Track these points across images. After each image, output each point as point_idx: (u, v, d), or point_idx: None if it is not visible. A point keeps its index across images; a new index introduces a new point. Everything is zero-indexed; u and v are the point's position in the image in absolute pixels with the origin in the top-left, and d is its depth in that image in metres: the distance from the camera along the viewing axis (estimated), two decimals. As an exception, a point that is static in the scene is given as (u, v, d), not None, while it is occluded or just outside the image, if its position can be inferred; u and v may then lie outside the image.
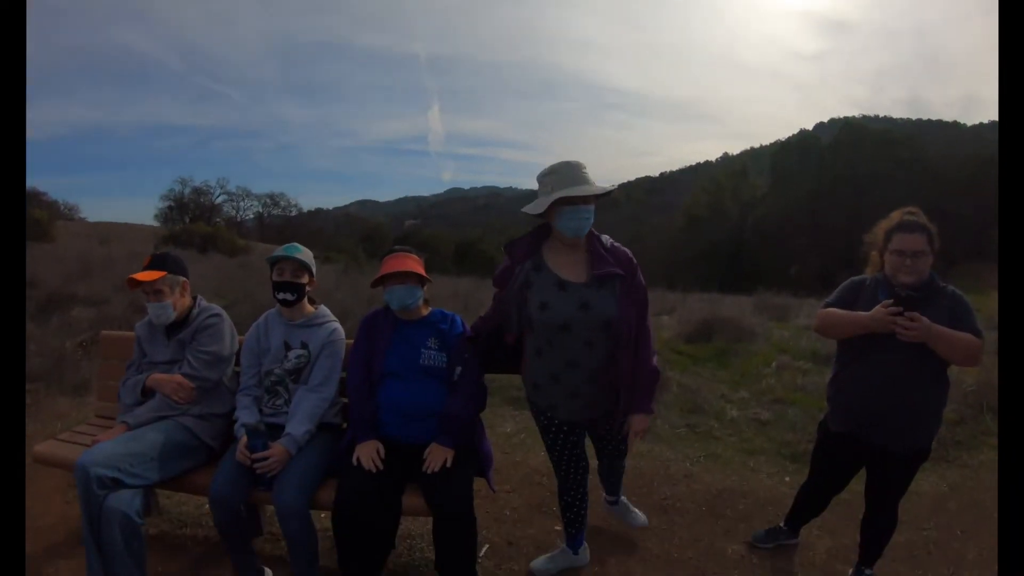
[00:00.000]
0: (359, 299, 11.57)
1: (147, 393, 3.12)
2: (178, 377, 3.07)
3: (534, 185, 2.68)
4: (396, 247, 3.11)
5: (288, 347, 3.14)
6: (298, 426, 2.91)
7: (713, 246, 40.74)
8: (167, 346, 3.21)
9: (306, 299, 3.20)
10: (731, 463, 4.61)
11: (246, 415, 3.03)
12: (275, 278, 3.09)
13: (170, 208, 60.13)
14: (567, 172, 2.58)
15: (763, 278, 27.65)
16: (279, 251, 3.13)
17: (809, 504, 3.32)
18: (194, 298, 3.32)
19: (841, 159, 41.92)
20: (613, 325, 2.59)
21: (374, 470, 2.73)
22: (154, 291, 3.13)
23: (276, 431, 2.95)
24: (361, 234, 54.22)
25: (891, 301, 2.53)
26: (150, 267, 3.15)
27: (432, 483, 2.72)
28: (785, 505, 3.53)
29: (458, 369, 2.96)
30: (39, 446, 3.23)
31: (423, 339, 3.01)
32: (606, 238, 2.73)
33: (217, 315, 3.28)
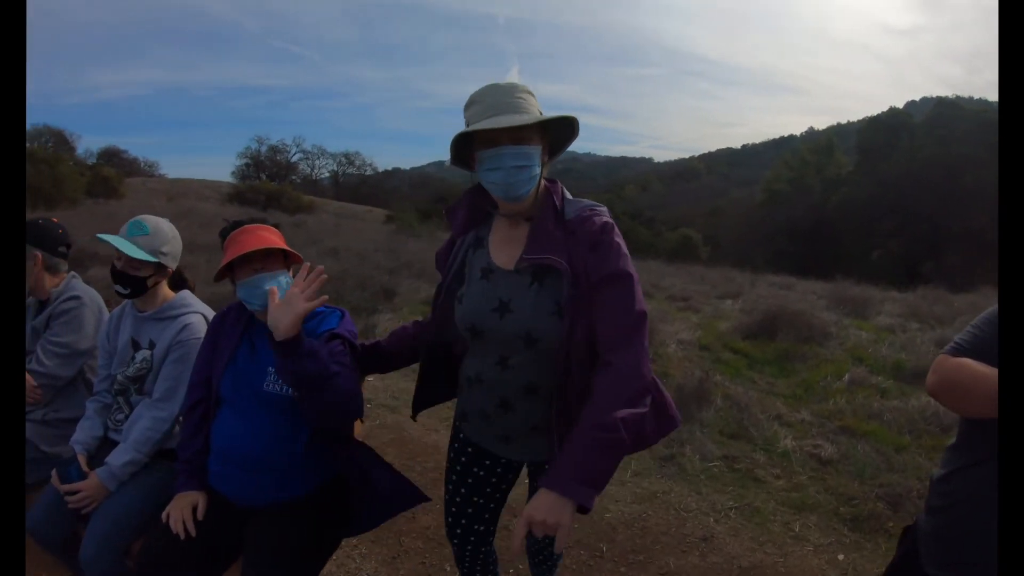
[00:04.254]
0: (383, 268, 10.86)
1: None
2: None
3: (613, 151, 1.80)
4: (242, 220, 2.17)
5: (136, 346, 2.42)
6: (120, 455, 2.23)
7: (792, 223, 38.70)
8: (27, 334, 2.68)
9: (161, 285, 2.46)
10: (770, 523, 3.47)
11: (84, 429, 2.41)
12: (114, 264, 2.37)
13: (247, 165, 61.78)
14: (490, 100, 1.59)
15: (843, 261, 25.97)
16: (121, 232, 2.38)
17: None
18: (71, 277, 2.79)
19: (933, 139, 39.21)
20: (539, 343, 1.64)
21: (181, 535, 1.94)
22: None
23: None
24: (435, 194, 53.98)
25: None
26: None
27: (256, 565, 1.91)
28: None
29: None
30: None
31: None
32: (580, 205, 1.70)
33: (76, 298, 2.67)
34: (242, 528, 2.01)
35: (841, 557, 3.17)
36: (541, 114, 1.61)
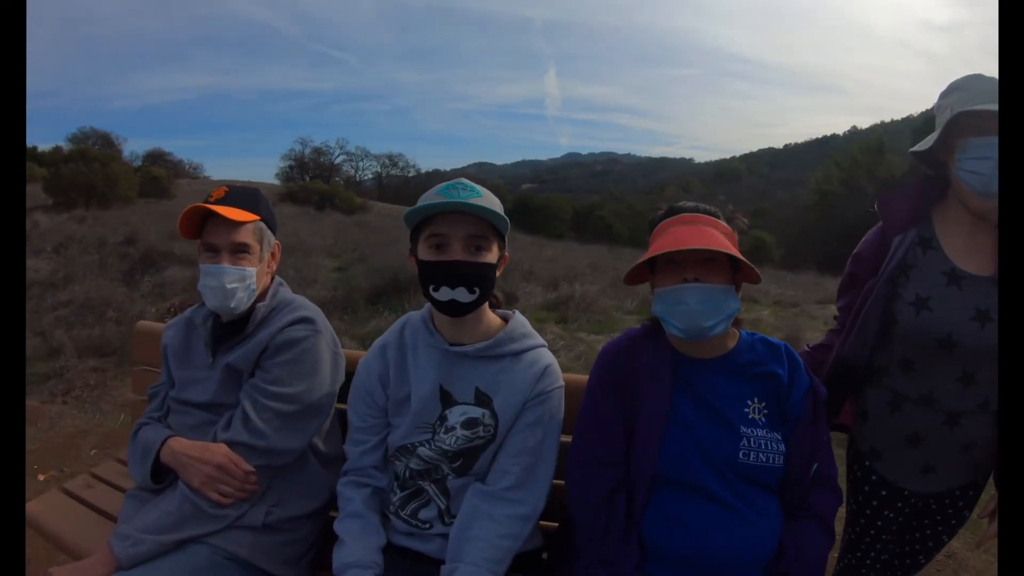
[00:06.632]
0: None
1: (163, 472, 1.65)
2: (221, 452, 1.57)
3: (653, 152, 1.62)
4: (683, 204, 1.52)
5: (447, 399, 1.52)
6: None
7: (847, 227, 38.04)
8: (210, 371, 1.72)
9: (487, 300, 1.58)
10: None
11: (355, 536, 1.51)
12: (423, 256, 1.46)
13: (291, 167, 62.81)
14: (978, 86, 1.49)
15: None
16: (436, 192, 1.47)
17: None
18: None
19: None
20: None
21: None
22: (232, 245, 1.66)
23: (418, 565, 1.53)
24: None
25: None
26: (227, 201, 1.68)
27: None
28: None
29: (814, 467, 1.46)
30: (33, 502, 2.02)
31: (740, 402, 1.45)
32: None
33: (307, 321, 1.70)
34: None
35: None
36: None
